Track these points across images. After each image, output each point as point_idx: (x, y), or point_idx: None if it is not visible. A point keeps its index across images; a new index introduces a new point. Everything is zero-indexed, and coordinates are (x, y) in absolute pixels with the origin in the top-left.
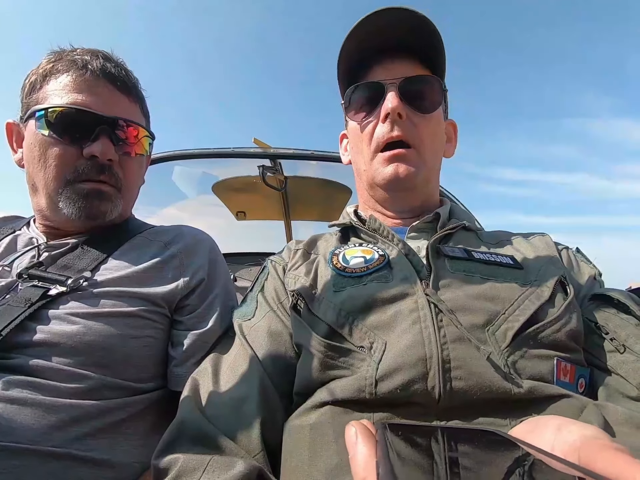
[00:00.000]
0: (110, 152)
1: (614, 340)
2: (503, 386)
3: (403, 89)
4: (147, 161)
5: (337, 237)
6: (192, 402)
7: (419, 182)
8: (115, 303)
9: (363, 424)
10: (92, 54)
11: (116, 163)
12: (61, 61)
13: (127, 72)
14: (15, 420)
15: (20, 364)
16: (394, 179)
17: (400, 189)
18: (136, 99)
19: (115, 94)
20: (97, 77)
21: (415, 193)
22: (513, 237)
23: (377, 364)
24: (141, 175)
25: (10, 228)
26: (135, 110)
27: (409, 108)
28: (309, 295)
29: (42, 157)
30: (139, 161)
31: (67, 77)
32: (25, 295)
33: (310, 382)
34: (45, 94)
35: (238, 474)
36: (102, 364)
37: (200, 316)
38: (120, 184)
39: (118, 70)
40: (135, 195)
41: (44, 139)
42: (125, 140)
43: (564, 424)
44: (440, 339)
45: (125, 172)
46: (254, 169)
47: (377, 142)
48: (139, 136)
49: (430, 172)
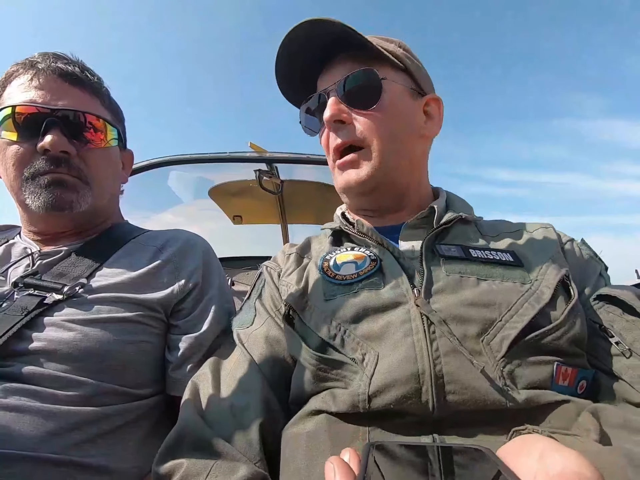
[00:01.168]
0: (61, 144)
1: (619, 344)
2: (498, 399)
3: (341, 93)
4: (126, 158)
5: (329, 240)
6: (193, 407)
7: (379, 182)
8: (111, 309)
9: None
10: (44, 56)
11: (76, 155)
12: (16, 66)
13: (83, 68)
14: (14, 428)
15: (18, 372)
16: (347, 187)
17: (358, 193)
18: (94, 93)
19: (65, 87)
20: (45, 74)
21: (381, 192)
22: (515, 228)
23: (370, 379)
24: (113, 169)
25: (4, 238)
26: (92, 103)
27: (352, 109)
28: (300, 305)
29: (3, 161)
30: (105, 154)
31: (18, 80)
32: (21, 304)
33: (304, 393)
34: (2, 100)
35: (241, 477)
36: (99, 370)
37: (196, 319)
38: (85, 177)
39: (70, 67)
40: (110, 192)
41: (1, 143)
42: (81, 131)
43: (548, 450)
44: (433, 353)
45: (88, 164)
46: (250, 173)
47: (331, 152)
48: (97, 127)
49: (394, 166)
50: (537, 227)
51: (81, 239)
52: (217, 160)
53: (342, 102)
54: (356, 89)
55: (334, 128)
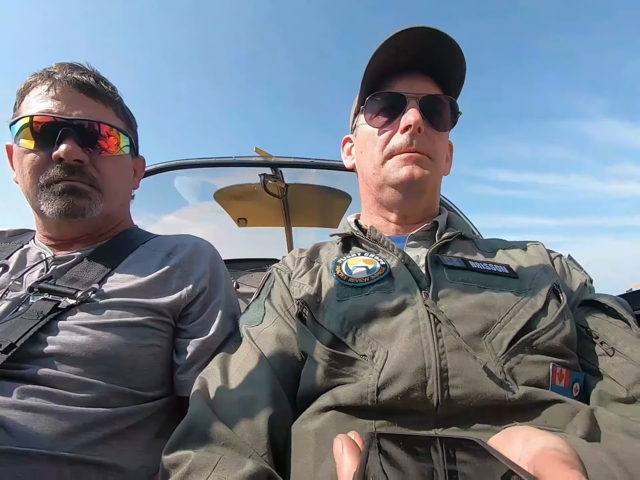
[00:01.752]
0: (75, 153)
1: (603, 344)
2: (498, 393)
3: (423, 105)
4: (138, 165)
5: (339, 246)
6: (202, 399)
7: (429, 187)
8: (122, 313)
9: (349, 436)
10: (61, 66)
11: (89, 164)
12: (34, 77)
13: (98, 78)
14: (30, 427)
15: (33, 374)
16: (408, 179)
17: (413, 190)
18: (109, 103)
19: (80, 98)
20: (61, 84)
21: (423, 198)
22: (508, 245)
23: (379, 372)
24: (125, 176)
25: (19, 243)
26: (106, 113)
27: (427, 123)
28: (314, 304)
29: (20, 168)
30: (117, 161)
31: (36, 90)
32: (37, 308)
33: (314, 389)
34: (21, 110)
35: (247, 473)
36: (110, 373)
37: (203, 324)
38: (98, 184)
39: (86, 77)
40: (122, 198)
41: (19, 151)
42: (95, 140)
43: (531, 435)
44: (439, 349)
45: (101, 172)
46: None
47: (391, 150)
48: (110, 136)
49: (437, 181)
50: (528, 244)
51: (93, 244)
52: (223, 165)
53: (421, 113)
54: (437, 109)
55: (414, 132)
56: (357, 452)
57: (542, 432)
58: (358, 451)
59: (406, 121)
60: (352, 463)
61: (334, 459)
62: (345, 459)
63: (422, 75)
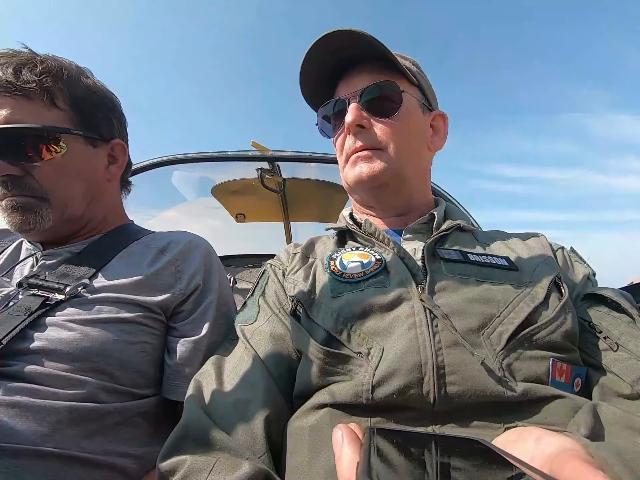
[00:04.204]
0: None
1: (607, 339)
2: (496, 390)
3: (363, 100)
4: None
5: (334, 241)
6: (196, 403)
7: (390, 179)
8: (111, 309)
9: (350, 427)
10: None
11: (24, 175)
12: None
13: (19, 65)
14: (17, 423)
15: (20, 371)
16: (358, 180)
17: (371, 187)
18: (34, 96)
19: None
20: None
21: (390, 190)
22: (508, 237)
23: (374, 370)
24: (80, 175)
25: (10, 240)
26: (32, 111)
27: (371, 115)
28: (307, 301)
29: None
30: (59, 163)
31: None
32: (25, 304)
33: (309, 387)
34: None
35: (243, 474)
36: (99, 370)
37: (194, 323)
38: (40, 193)
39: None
40: (88, 197)
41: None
42: (22, 149)
43: (544, 436)
44: (435, 345)
45: (41, 180)
46: (252, 171)
47: (346, 153)
48: (40, 139)
49: (405, 169)
50: (529, 236)
51: (85, 240)
52: (220, 159)
53: (362, 109)
54: (377, 98)
55: (354, 132)
56: (357, 444)
57: (554, 433)
58: (359, 443)
59: (346, 124)
60: (352, 454)
61: (331, 452)
62: (345, 450)
63: (358, 72)
